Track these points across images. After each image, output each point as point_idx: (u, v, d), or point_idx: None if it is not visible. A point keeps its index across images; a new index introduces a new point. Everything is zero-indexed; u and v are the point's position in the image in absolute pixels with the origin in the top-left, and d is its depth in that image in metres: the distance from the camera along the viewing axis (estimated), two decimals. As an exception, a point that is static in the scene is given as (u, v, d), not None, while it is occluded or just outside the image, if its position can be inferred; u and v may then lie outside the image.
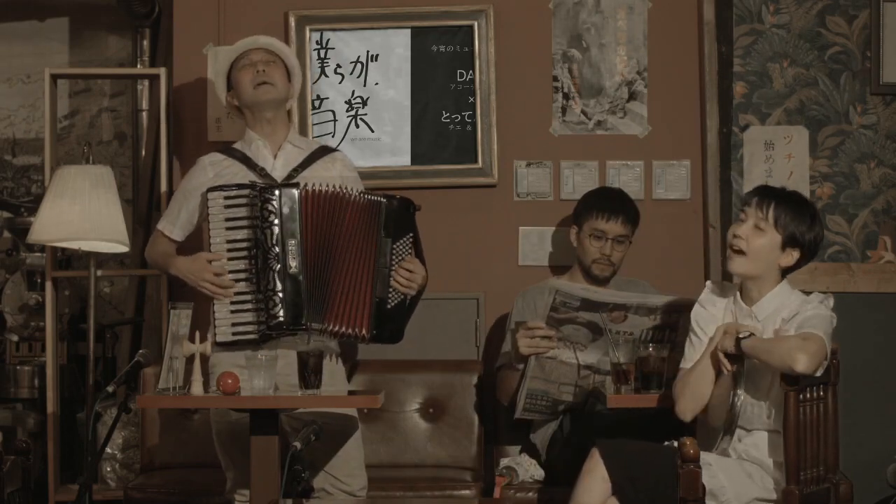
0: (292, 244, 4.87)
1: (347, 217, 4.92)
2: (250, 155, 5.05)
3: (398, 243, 4.95)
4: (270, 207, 4.85)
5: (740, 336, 4.42)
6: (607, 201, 5.47)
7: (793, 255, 4.52)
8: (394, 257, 4.95)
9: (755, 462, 4.53)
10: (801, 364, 4.29)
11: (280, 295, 4.85)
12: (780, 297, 4.55)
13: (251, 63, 5.04)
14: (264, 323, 4.86)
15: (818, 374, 4.41)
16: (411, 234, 4.98)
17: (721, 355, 4.46)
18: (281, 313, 4.85)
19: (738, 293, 4.63)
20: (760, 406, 4.53)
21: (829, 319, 4.45)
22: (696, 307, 4.67)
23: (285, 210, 4.87)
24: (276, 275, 4.85)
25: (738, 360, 4.47)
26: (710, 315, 4.64)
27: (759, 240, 4.51)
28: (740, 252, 4.53)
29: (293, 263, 4.86)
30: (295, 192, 4.88)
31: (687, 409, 4.58)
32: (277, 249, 4.85)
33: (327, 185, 4.91)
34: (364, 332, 4.92)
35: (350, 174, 5.14)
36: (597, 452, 4.45)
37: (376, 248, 4.93)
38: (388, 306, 4.94)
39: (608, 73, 5.95)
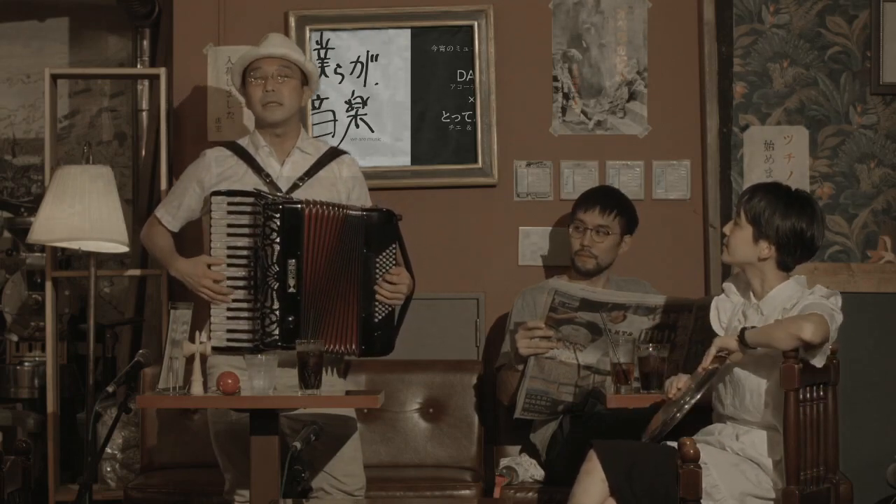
0: (292, 263, 4.85)
1: (337, 236, 4.91)
2: (257, 159, 5.03)
3: (381, 256, 4.94)
4: (273, 225, 4.83)
5: (744, 327, 4.44)
6: (589, 193, 5.54)
7: (767, 248, 4.55)
8: (378, 271, 4.93)
9: (753, 460, 4.53)
10: (807, 331, 4.31)
11: (277, 314, 4.84)
12: (787, 291, 4.57)
13: (263, 77, 4.99)
14: (259, 335, 4.84)
15: (819, 362, 4.41)
16: (394, 245, 4.96)
17: (712, 351, 4.49)
18: (276, 332, 4.84)
19: (751, 289, 4.67)
20: (759, 397, 4.53)
21: (829, 309, 4.45)
22: (720, 296, 4.71)
23: (288, 229, 4.84)
24: (273, 293, 4.84)
25: (721, 360, 4.50)
26: (731, 304, 4.68)
27: (734, 234, 4.61)
28: (725, 245, 4.66)
29: (291, 283, 4.85)
30: (298, 210, 4.85)
31: None
32: (277, 268, 4.84)
33: (330, 207, 4.89)
34: (353, 347, 4.92)
35: (357, 178, 5.13)
36: (594, 454, 4.46)
37: (359, 265, 4.92)
38: (376, 320, 4.94)
39: (608, 73, 5.95)
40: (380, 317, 4.95)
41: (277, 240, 4.84)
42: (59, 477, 6.04)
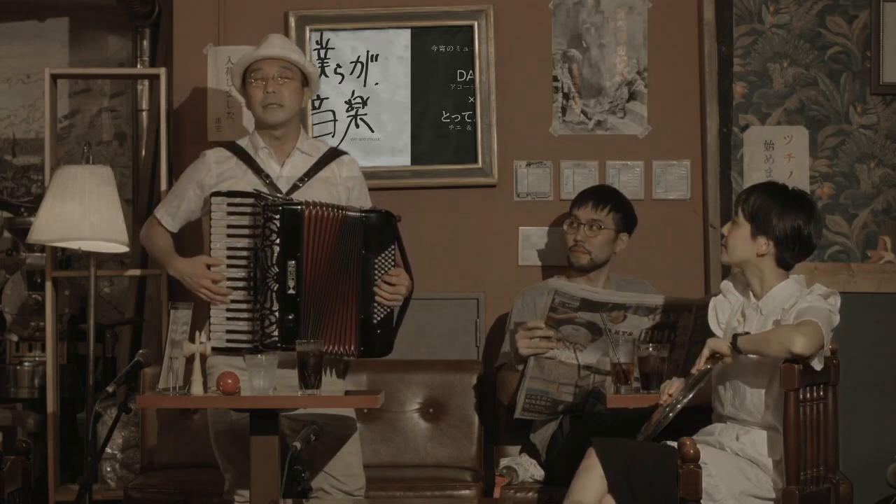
0: (292, 265, 4.84)
1: (336, 237, 4.90)
2: (257, 160, 5.02)
3: (380, 257, 4.93)
4: (272, 227, 4.83)
5: (736, 334, 4.45)
6: (584, 191, 5.57)
7: (766, 244, 4.56)
8: (377, 272, 4.93)
9: (752, 461, 4.53)
10: (798, 345, 4.32)
11: (276, 315, 4.83)
12: (786, 291, 4.58)
13: (263, 78, 4.96)
14: (259, 334, 4.84)
15: (817, 365, 4.41)
16: (393, 247, 4.96)
17: (706, 352, 4.50)
18: (276, 333, 4.84)
19: (750, 288, 4.67)
20: (760, 398, 4.54)
21: (826, 312, 4.46)
22: (718, 296, 4.71)
23: (287, 231, 4.83)
24: (273, 294, 4.83)
25: (715, 360, 4.51)
26: (729, 304, 4.68)
27: (733, 232, 4.62)
28: (724, 245, 4.66)
29: (291, 284, 4.84)
30: (298, 212, 4.84)
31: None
32: (276, 269, 4.83)
33: (329, 208, 4.88)
34: (352, 348, 4.92)
35: (356, 178, 5.12)
36: (593, 451, 4.46)
37: (358, 266, 4.91)
38: (374, 321, 4.93)
39: (608, 73, 5.95)
40: (378, 318, 4.94)
41: (277, 241, 4.83)
42: (59, 477, 6.04)
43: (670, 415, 4.49)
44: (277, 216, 4.83)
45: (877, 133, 5.93)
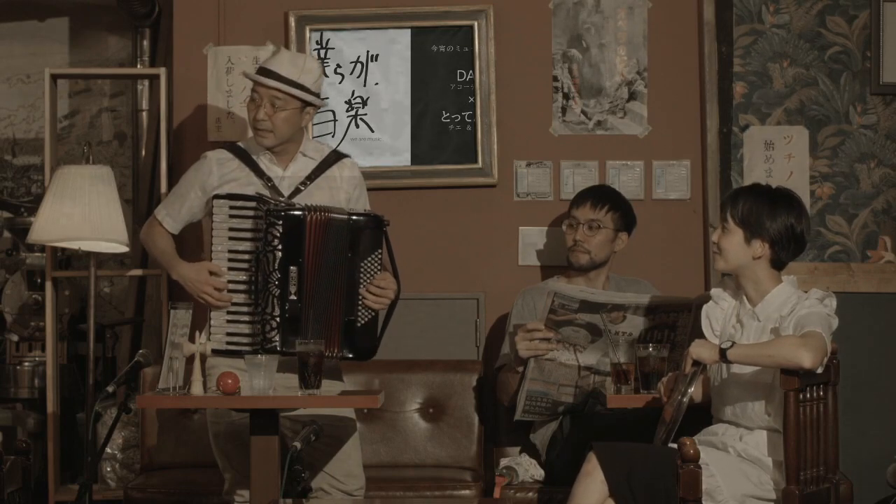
0: (293, 270, 4.83)
1: (328, 240, 4.88)
2: (259, 163, 4.99)
3: (366, 261, 4.91)
4: (275, 232, 4.81)
5: (722, 347, 4.43)
6: (582, 191, 5.57)
7: (761, 247, 4.57)
8: (363, 275, 4.91)
9: (754, 461, 4.54)
10: (808, 360, 4.32)
11: (277, 320, 4.82)
12: (782, 296, 4.58)
13: (258, 98, 4.89)
14: (260, 338, 4.83)
15: (819, 371, 4.42)
16: (380, 250, 4.94)
17: (689, 358, 4.49)
18: (277, 338, 4.82)
19: (745, 294, 4.67)
20: (760, 405, 4.54)
21: (826, 318, 4.46)
22: (709, 303, 4.71)
23: (290, 237, 4.81)
24: (275, 299, 4.82)
25: (699, 365, 4.51)
26: (721, 311, 4.68)
27: (726, 239, 4.62)
28: (717, 252, 4.67)
29: (293, 290, 4.83)
30: (300, 218, 4.83)
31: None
32: (279, 275, 4.82)
33: (328, 213, 4.87)
34: (335, 350, 4.91)
35: (356, 180, 5.10)
36: (594, 455, 4.46)
37: (344, 268, 4.90)
38: (358, 324, 4.92)
39: (608, 73, 5.95)
40: (363, 321, 4.93)
41: (280, 246, 4.82)
42: (59, 477, 6.04)
43: (684, 401, 4.46)
44: (280, 221, 4.81)
45: (877, 133, 5.93)
